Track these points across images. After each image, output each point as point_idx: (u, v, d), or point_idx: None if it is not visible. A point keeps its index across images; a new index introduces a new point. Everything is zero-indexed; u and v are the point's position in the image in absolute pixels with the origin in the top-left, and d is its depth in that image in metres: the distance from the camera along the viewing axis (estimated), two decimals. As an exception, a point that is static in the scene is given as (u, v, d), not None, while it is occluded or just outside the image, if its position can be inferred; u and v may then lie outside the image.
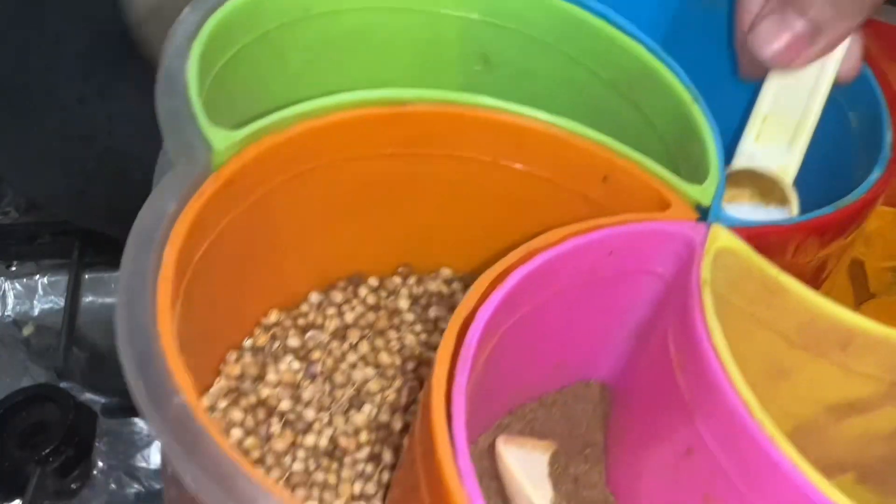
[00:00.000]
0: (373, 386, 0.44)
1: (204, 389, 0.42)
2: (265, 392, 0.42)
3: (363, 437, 0.42)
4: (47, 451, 0.71)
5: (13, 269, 0.85)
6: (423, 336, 0.46)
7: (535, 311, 0.38)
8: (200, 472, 0.28)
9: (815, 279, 0.44)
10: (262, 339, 0.44)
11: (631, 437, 0.42)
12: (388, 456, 0.42)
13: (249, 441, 0.41)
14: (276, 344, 0.44)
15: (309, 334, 0.45)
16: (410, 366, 0.45)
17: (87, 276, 0.84)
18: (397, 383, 0.44)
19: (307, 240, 0.44)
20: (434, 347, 0.43)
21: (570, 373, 0.45)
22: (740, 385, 0.33)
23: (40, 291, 0.84)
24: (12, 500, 0.71)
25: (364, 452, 0.42)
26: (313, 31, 0.45)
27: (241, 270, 0.41)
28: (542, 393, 0.45)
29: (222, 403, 0.42)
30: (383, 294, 0.47)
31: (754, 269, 0.38)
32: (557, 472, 0.41)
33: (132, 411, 0.76)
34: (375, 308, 0.47)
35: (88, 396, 0.77)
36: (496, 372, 0.37)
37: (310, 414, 0.42)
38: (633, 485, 0.41)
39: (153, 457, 0.74)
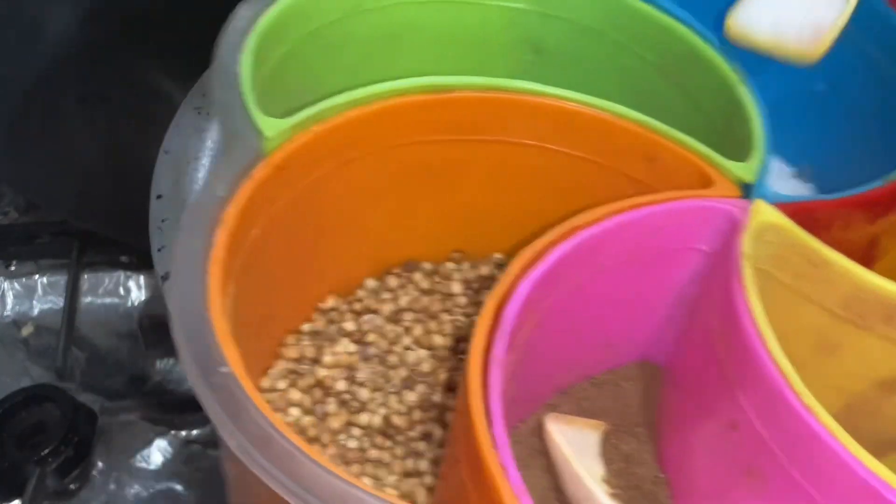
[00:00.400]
0: (425, 367, 0.44)
1: (264, 371, 0.43)
2: (322, 373, 0.43)
3: (416, 415, 0.43)
4: (47, 451, 0.70)
5: (12, 268, 0.84)
6: (475, 318, 0.47)
7: (579, 289, 0.39)
8: (244, 437, 0.29)
9: (865, 256, 0.44)
10: (320, 323, 0.45)
11: (680, 415, 0.43)
12: (439, 434, 0.42)
13: (306, 419, 0.42)
14: (333, 327, 0.45)
15: (365, 318, 0.46)
16: (462, 347, 0.45)
17: (86, 277, 0.84)
18: (449, 364, 0.45)
19: (359, 226, 0.45)
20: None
21: (620, 353, 0.46)
22: (779, 357, 0.34)
23: (39, 291, 0.84)
24: (12, 500, 0.71)
25: (417, 431, 0.42)
26: (365, 25, 0.46)
27: (297, 256, 0.42)
28: (592, 373, 0.45)
29: (281, 384, 0.43)
30: (437, 279, 0.48)
31: (797, 244, 0.39)
32: (608, 451, 0.42)
33: (131, 411, 0.76)
34: (429, 292, 0.47)
35: (88, 396, 0.76)
36: (542, 351, 0.38)
37: (364, 394, 0.43)
38: (683, 462, 0.42)
39: (153, 457, 0.73)
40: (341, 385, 0.43)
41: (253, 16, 0.42)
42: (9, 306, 0.83)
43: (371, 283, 0.48)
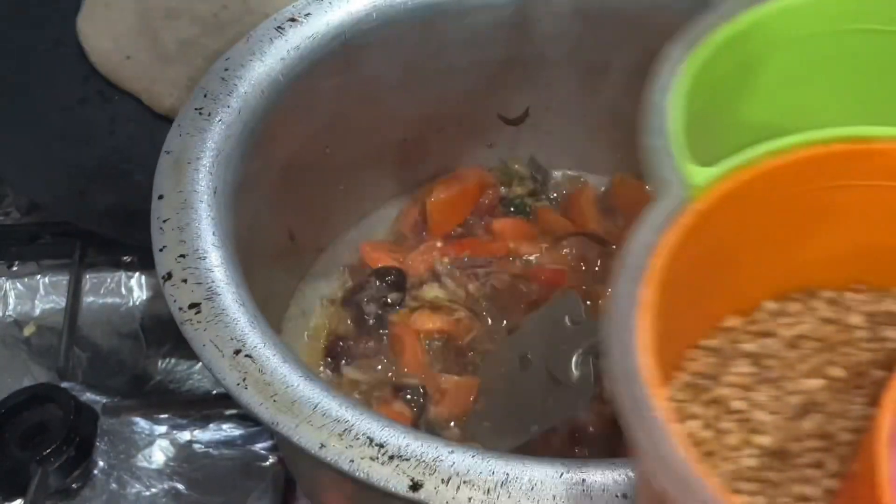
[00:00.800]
0: (821, 397, 0.44)
1: (664, 381, 0.43)
2: (721, 391, 0.43)
3: (810, 443, 0.42)
4: (48, 450, 0.70)
5: (14, 269, 0.84)
6: (876, 355, 0.46)
7: None
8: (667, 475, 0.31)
9: None
10: (720, 341, 0.45)
11: None
12: (832, 464, 0.41)
13: (704, 434, 0.42)
14: (732, 346, 0.45)
15: (763, 341, 0.45)
16: (859, 382, 0.44)
17: (88, 277, 0.84)
18: (845, 397, 0.44)
19: (764, 258, 0.45)
20: (886, 367, 0.44)
21: None
22: None
23: (41, 291, 0.84)
24: (13, 500, 0.71)
25: (809, 458, 0.42)
26: (788, 56, 0.46)
27: (702, 282, 0.42)
28: None
29: (681, 395, 0.43)
30: (837, 309, 0.47)
31: None
32: None
33: (133, 411, 0.76)
34: (829, 321, 0.47)
35: (89, 396, 0.76)
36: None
37: (760, 416, 0.42)
38: None
39: (154, 456, 0.73)
40: (739, 404, 0.43)
41: (682, 55, 0.42)
42: (10, 306, 0.83)
43: (771, 305, 0.47)
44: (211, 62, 0.65)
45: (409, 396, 0.68)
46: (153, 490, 0.72)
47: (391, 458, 0.45)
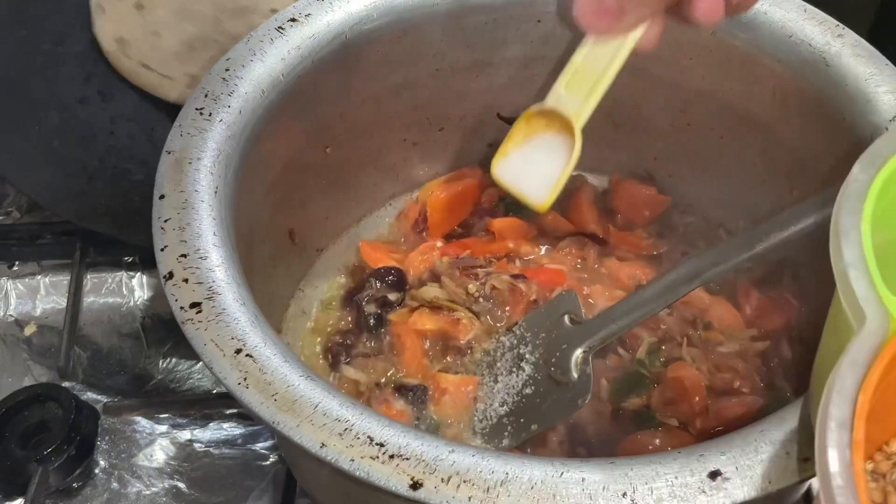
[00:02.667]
0: None
1: None
2: None
3: None
4: (49, 450, 0.70)
5: (15, 268, 0.85)
6: None
7: None
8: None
9: None
10: (884, 466, 0.44)
11: None
12: None
13: None
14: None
15: None
16: None
17: (88, 276, 0.84)
18: None
19: None
20: None
21: None
22: None
23: (42, 291, 0.84)
24: (14, 499, 0.71)
25: None
26: None
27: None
28: None
29: None
30: None
31: None
32: None
33: (133, 410, 0.76)
34: None
35: (90, 395, 0.77)
36: None
37: None
38: None
39: (155, 455, 0.74)
40: None
41: (868, 179, 0.42)
42: (11, 306, 0.83)
43: None
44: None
45: (409, 396, 0.68)
46: (154, 489, 0.72)
47: (391, 457, 0.45)
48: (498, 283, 0.74)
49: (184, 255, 0.53)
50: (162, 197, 0.57)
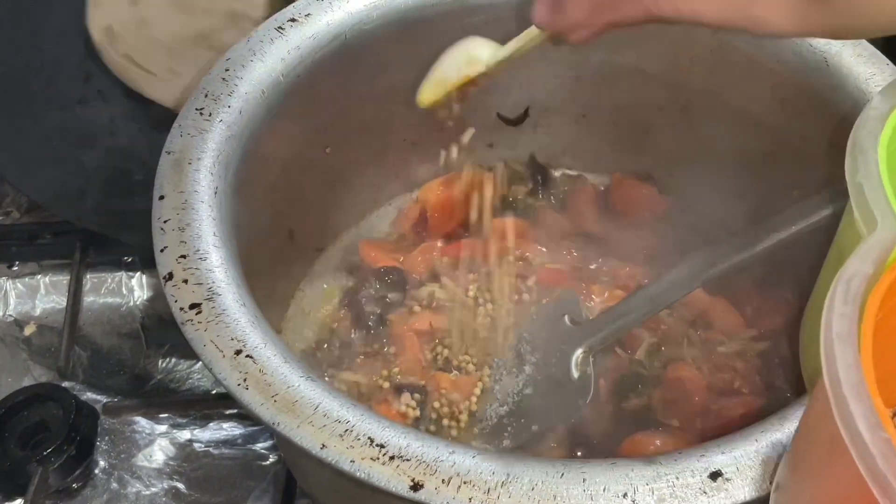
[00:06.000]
0: None
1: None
2: None
3: None
4: (49, 450, 0.70)
5: (15, 268, 0.85)
6: None
7: None
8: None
9: None
10: None
11: None
12: None
13: None
14: None
15: None
16: None
17: (88, 276, 0.84)
18: None
19: None
20: None
21: None
22: None
23: (42, 291, 0.84)
24: (14, 499, 0.71)
25: None
26: None
27: None
28: None
29: None
30: None
31: None
32: None
33: (133, 410, 0.76)
34: None
35: (90, 396, 0.77)
36: None
37: None
38: None
39: (155, 456, 0.74)
40: None
41: (888, 108, 0.45)
42: (11, 306, 0.84)
43: None
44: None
45: (409, 396, 0.68)
46: (153, 489, 0.72)
47: (392, 458, 0.45)
48: (498, 283, 0.74)
49: (183, 256, 0.53)
50: (162, 197, 0.56)
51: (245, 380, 0.48)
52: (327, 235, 0.80)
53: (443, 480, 0.44)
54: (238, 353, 0.49)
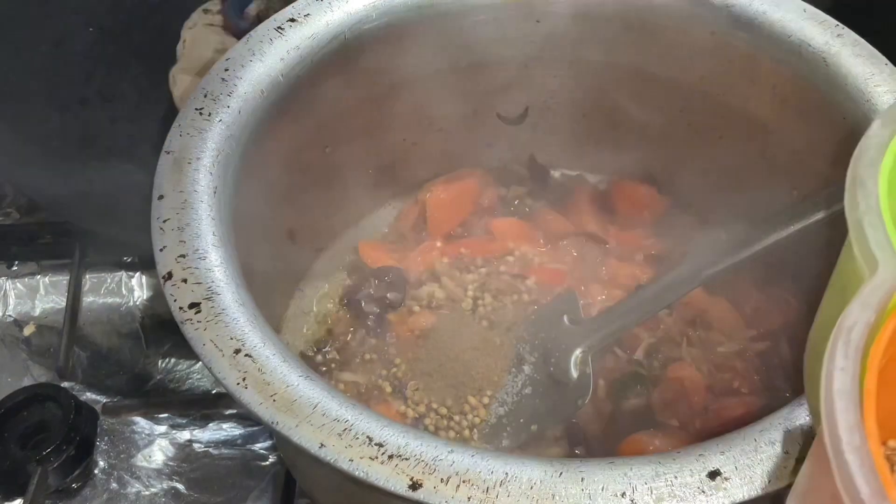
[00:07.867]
0: None
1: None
2: None
3: None
4: (48, 450, 0.70)
5: (14, 268, 0.85)
6: None
7: None
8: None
9: None
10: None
11: None
12: None
13: None
14: None
15: None
16: None
17: (88, 276, 0.84)
18: None
19: None
20: None
21: None
22: None
23: (41, 291, 0.84)
24: (13, 499, 0.71)
25: None
26: None
27: None
28: None
29: None
30: None
31: None
32: None
33: (133, 410, 0.76)
34: None
35: (89, 396, 0.77)
36: None
37: None
38: None
39: (154, 456, 0.74)
40: None
41: (888, 134, 0.42)
42: (11, 306, 0.84)
43: None
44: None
45: (408, 396, 0.68)
46: (153, 489, 0.72)
47: (391, 457, 0.45)
48: (498, 283, 0.74)
49: (183, 256, 0.53)
50: (161, 197, 0.56)
51: (244, 379, 0.48)
52: (327, 235, 0.80)
53: (441, 479, 0.44)
54: (237, 352, 0.49)
